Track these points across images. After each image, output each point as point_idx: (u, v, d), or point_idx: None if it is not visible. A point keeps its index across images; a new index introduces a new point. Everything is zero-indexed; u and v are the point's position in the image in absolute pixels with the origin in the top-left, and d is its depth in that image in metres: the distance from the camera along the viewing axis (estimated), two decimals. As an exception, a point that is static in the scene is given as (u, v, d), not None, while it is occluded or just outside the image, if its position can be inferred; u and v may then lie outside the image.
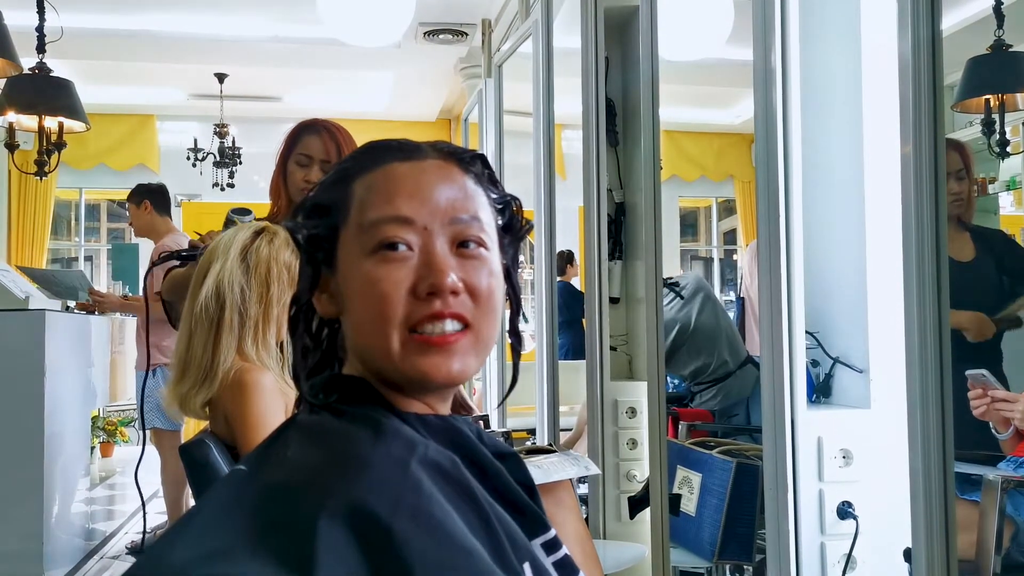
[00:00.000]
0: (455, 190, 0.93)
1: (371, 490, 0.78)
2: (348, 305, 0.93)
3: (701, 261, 9.21)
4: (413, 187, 0.92)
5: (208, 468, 1.79)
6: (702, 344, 3.22)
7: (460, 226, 0.92)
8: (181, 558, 0.75)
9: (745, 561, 2.43)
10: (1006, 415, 1.75)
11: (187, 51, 6.56)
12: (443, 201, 0.92)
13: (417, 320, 0.89)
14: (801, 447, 1.89)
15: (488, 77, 4.74)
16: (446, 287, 0.89)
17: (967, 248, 1.95)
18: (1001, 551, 1.72)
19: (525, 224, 1.02)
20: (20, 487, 3.77)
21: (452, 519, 0.79)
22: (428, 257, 0.90)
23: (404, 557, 0.74)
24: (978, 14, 1.95)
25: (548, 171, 3.51)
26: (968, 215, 2.00)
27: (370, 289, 0.90)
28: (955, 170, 1.95)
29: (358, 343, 0.93)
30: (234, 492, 0.85)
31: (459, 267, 0.91)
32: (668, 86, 2.56)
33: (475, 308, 0.91)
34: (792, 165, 1.90)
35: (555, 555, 0.93)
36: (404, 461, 0.82)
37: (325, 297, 0.96)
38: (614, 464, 2.98)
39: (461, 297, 0.90)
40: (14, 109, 4.35)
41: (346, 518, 0.75)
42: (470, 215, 0.93)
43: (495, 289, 0.93)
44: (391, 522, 0.75)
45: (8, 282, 3.84)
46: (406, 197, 0.91)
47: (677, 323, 3.22)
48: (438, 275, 0.89)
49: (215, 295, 1.86)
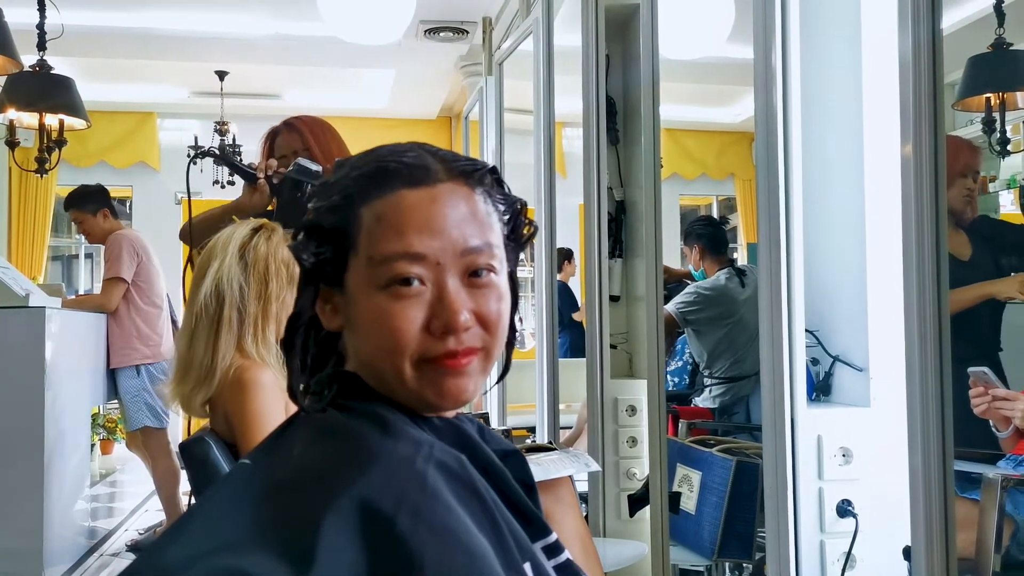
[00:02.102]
0: (467, 216, 0.91)
1: (376, 487, 0.78)
2: (358, 330, 0.92)
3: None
4: (424, 220, 0.89)
5: (207, 466, 1.79)
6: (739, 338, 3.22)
7: (472, 256, 0.91)
8: (187, 551, 0.75)
9: (745, 559, 2.43)
10: (1006, 413, 1.76)
11: (188, 49, 6.55)
12: (455, 232, 0.90)
13: (431, 357, 0.89)
14: (801, 445, 1.89)
15: (489, 75, 4.74)
16: (460, 326, 0.89)
17: (965, 247, 1.95)
18: (1001, 549, 1.72)
19: (529, 229, 1.00)
20: (20, 484, 3.77)
21: (456, 518, 0.79)
22: (441, 293, 0.89)
23: (404, 555, 0.74)
24: (978, 13, 1.94)
25: (548, 169, 3.51)
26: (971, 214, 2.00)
27: (383, 324, 0.89)
28: (972, 171, 1.96)
29: (366, 363, 0.93)
30: (240, 487, 0.85)
31: (470, 297, 0.90)
32: (668, 84, 2.56)
33: (486, 335, 0.92)
34: (792, 163, 1.90)
35: (556, 559, 0.93)
36: (410, 459, 0.82)
37: (329, 309, 0.95)
38: (614, 462, 2.98)
39: (473, 329, 0.90)
40: (15, 106, 4.35)
41: (351, 515, 0.75)
42: (482, 242, 0.92)
43: (504, 313, 0.94)
44: (394, 520, 0.75)
45: (8, 279, 3.83)
46: (417, 231, 0.89)
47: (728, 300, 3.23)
48: (452, 315, 0.88)
49: (215, 294, 1.86)
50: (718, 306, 3.27)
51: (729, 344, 3.23)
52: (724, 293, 3.27)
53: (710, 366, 3.27)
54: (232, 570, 0.72)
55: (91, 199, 5.02)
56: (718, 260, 3.38)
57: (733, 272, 3.31)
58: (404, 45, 6.19)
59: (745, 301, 3.22)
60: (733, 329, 3.23)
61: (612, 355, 3.00)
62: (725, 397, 3.21)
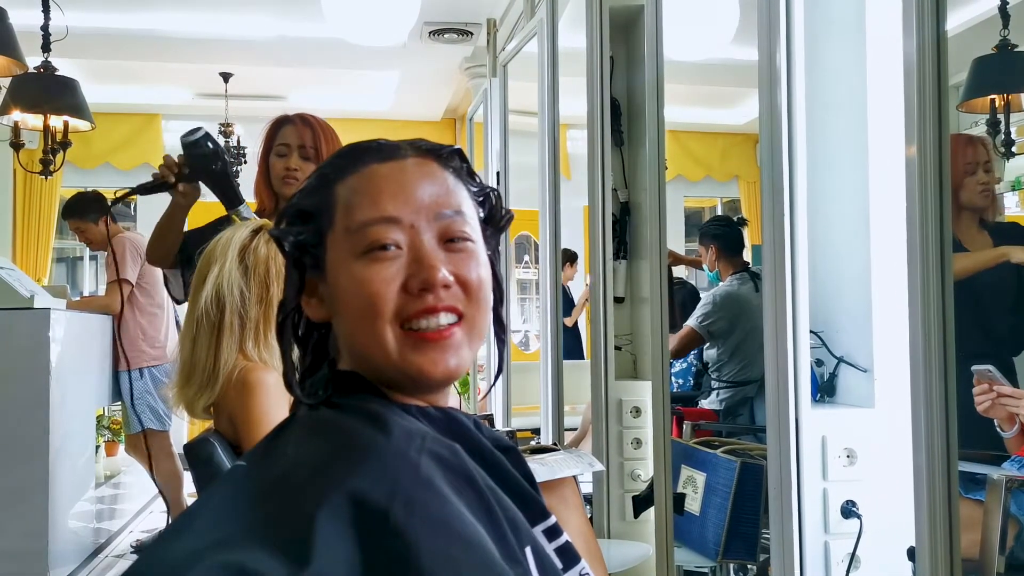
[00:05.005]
0: (437, 186, 0.95)
1: (369, 480, 0.78)
2: (339, 308, 0.93)
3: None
4: (396, 186, 0.93)
5: (212, 466, 1.79)
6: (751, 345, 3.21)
7: (446, 221, 0.93)
8: (185, 549, 0.76)
9: (749, 560, 2.43)
10: (1011, 411, 1.75)
11: (192, 50, 6.56)
12: (427, 198, 0.93)
13: (410, 315, 0.90)
14: (805, 446, 1.89)
15: (493, 77, 4.74)
16: (438, 281, 0.90)
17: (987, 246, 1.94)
18: (1005, 550, 1.72)
19: (505, 214, 1.03)
20: (25, 486, 3.77)
21: (452, 508, 0.79)
22: (418, 253, 0.91)
23: (400, 547, 0.74)
24: (984, 14, 1.94)
25: (553, 171, 3.51)
26: (992, 212, 1.99)
27: (361, 289, 0.90)
28: (983, 161, 1.95)
29: (353, 345, 0.94)
30: (236, 487, 0.86)
31: (448, 261, 0.92)
32: (673, 86, 2.56)
33: (467, 299, 0.93)
34: (797, 165, 1.90)
35: (556, 541, 0.93)
36: (403, 450, 0.83)
37: (314, 301, 0.97)
38: (618, 463, 2.99)
39: (452, 290, 0.91)
40: (19, 108, 4.36)
41: (345, 510, 0.75)
42: (454, 210, 0.94)
43: (485, 280, 0.95)
44: (387, 512, 0.76)
45: (13, 280, 3.84)
46: (390, 197, 0.92)
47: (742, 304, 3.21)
48: (429, 270, 0.90)
49: (215, 299, 1.85)
50: (733, 312, 3.26)
51: (742, 350, 3.22)
52: (739, 299, 3.26)
53: (719, 370, 3.27)
54: (231, 566, 0.72)
55: (91, 207, 5.02)
56: (733, 263, 3.36)
57: (747, 276, 3.29)
58: (408, 47, 6.19)
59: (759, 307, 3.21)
60: (747, 335, 3.22)
61: (617, 356, 3.00)
62: (730, 399, 3.21)
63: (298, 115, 2.64)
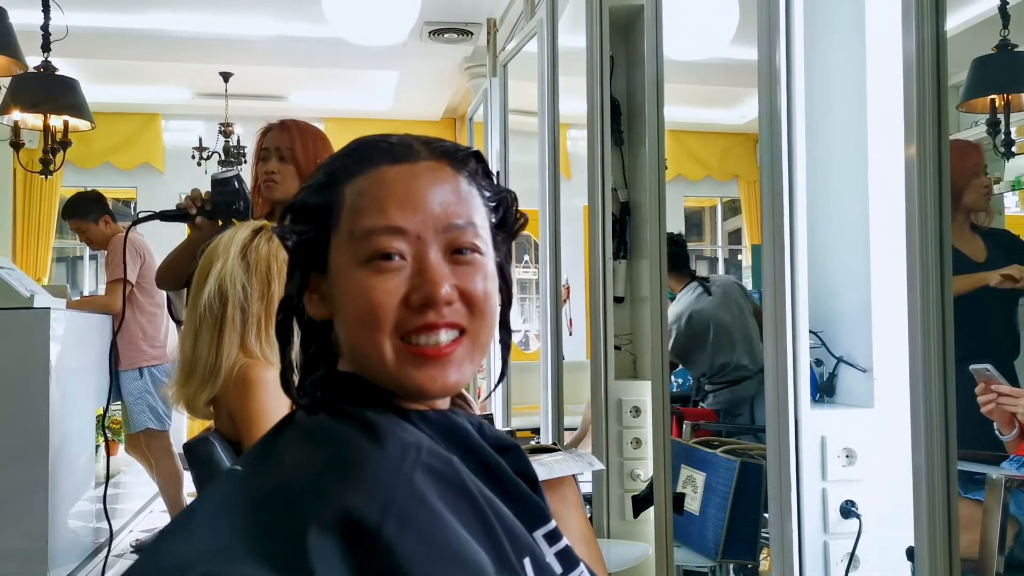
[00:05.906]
0: (448, 194, 0.91)
1: (363, 496, 0.78)
2: (340, 311, 0.92)
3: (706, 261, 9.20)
4: (405, 194, 0.90)
5: (211, 465, 1.79)
6: (723, 343, 3.21)
7: (454, 233, 0.90)
8: (179, 556, 0.76)
9: (749, 560, 2.43)
10: (1010, 410, 1.75)
11: (192, 50, 6.56)
12: (436, 207, 0.90)
13: (410, 330, 0.88)
14: (805, 446, 1.89)
15: (493, 76, 4.74)
16: (440, 298, 0.87)
17: (980, 249, 1.95)
18: (1004, 550, 1.72)
19: (520, 219, 1.00)
20: (25, 486, 3.77)
21: (445, 524, 0.78)
22: (422, 266, 0.88)
23: (390, 564, 0.74)
24: (983, 14, 1.94)
25: (553, 170, 3.51)
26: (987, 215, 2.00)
27: (362, 297, 0.88)
28: (982, 169, 1.96)
29: (352, 349, 0.93)
30: (230, 493, 0.85)
31: (453, 274, 0.89)
32: (673, 85, 2.56)
33: (470, 314, 0.90)
34: (796, 165, 1.90)
35: (556, 546, 0.92)
36: (397, 465, 0.82)
37: (316, 298, 0.95)
38: (618, 463, 2.99)
39: (455, 305, 0.89)
40: (19, 108, 4.36)
41: (337, 525, 0.75)
42: (464, 220, 0.91)
43: (490, 293, 0.92)
44: (379, 528, 0.75)
45: (13, 280, 3.84)
46: (398, 205, 0.89)
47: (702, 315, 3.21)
48: (432, 286, 0.87)
49: (218, 294, 1.87)
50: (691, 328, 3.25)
51: (718, 353, 3.23)
52: (694, 312, 3.25)
53: (705, 376, 3.27)
54: None
55: (91, 207, 5.02)
56: (681, 278, 3.36)
57: (696, 284, 3.28)
58: (408, 46, 6.19)
59: (717, 306, 3.22)
60: (716, 338, 3.22)
61: (616, 356, 3.00)
62: (728, 399, 3.21)
63: (280, 121, 2.68)
